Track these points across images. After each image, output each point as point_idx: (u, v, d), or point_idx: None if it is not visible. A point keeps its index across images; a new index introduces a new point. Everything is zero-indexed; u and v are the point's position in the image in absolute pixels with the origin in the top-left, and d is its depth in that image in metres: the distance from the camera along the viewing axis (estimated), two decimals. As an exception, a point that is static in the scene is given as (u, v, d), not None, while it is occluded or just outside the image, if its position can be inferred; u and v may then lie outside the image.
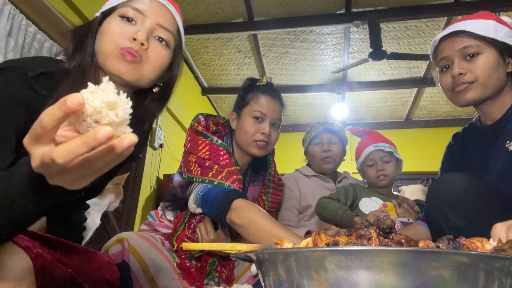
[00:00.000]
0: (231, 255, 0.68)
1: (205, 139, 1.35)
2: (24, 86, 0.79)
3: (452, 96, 1.15)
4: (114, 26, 0.91)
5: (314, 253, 0.53)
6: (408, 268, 0.48)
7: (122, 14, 0.93)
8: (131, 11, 0.93)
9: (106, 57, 0.89)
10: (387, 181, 1.75)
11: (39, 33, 2.36)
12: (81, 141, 0.45)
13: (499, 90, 1.11)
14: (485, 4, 3.29)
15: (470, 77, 1.09)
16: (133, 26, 0.92)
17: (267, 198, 1.52)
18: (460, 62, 1.11)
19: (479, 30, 1.11)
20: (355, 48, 4.15)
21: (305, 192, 1.87)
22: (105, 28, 0.92)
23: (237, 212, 1.14)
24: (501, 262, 0.50)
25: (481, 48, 1.10)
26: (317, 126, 2.00)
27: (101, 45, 0.90)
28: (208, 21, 3.83)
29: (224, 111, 5.55)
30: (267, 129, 1.37)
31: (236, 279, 1.38)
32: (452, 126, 5.20)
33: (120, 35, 0.90)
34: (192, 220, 1.37)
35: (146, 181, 3.48)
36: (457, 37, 1.13)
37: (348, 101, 5.13)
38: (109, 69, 0.89)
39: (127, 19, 0.92)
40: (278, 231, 1.06)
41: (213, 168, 1.29)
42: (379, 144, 1.79)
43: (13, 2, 2.16)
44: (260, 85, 1.44)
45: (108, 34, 0.90)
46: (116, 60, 0.89)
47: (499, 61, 1.10)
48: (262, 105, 1.39)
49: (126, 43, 0.89)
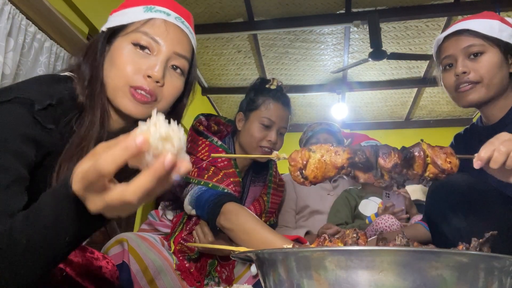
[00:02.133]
0: (231, 255, 0.68)
1: (205, 140, 1.35)
2: (32, 121, 0.72)
3: (456, 96, 1.15)
4: (126, 56, 0.82)
5: (314, 253, 0.53)
6: (408, 268, 0.48)
7: (135, 42, 0.83)
8: (145, 39, 0.83)
9: (116, 93, 0.82)
10: None
11: (39, 33, 2.35)
12: (150, 176, 0.45)
13: (502, 90, 1.11)
14: (485, 4, 3.28)
15: (474, 76, 1.09)
16: (147, 57, 0.83)
17: (268, 199, 1.52)
18: (464, 60, 1.11)
19: (483, 29, 1.10)
20: (355, 48, 4.15)
21: (302, 192, 1.87)
22: (115, 56, 0.83)
23: (226, 216, 1.13)
24: (501, 262, 0.50)
25: (485, 47, 1.09)
26: (314, 126, 2.01)
27: (111, 77, 0.82)
28: (208, 21, 3.83)
29: (224, 111, 5.55)
30: (273, 138, 1.36)
31: (236, 279, 1.38)
32: (452, 126, 5.19)
33: (133, 70, 0.81)
34: (190, 221, 1.37)
35: (146, 181, 3.48)
36: (461, 36, 1.13)
37: (348, 101, 5.13)
38: (119, 106, 0.83)
39: (140, 47, 0.83)
40: (266, 235, 1.06)
41: (210, 170, 1.28)
42: (369, 142, 1.83)
43: (13, 2, 2.15)
44: (272, 89, 1.42)
45: (118, 66, 0.81)
46: (127, 100, 0.81)
47: (502, 61, 1.10)
48: (272, 113, 1.37)
49: (138, 81, 0.81)
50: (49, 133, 0.75)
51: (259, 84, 1.45)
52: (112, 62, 0.83)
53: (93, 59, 0.83)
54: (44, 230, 0.55)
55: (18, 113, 0.71)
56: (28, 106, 0.72)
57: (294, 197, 1.87)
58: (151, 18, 0.84)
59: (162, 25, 0.84)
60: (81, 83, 0.81)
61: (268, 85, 1.43)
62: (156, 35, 0.83)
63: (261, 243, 1.05)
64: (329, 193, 1.91)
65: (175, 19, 0.88)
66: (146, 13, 0.85)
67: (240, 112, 1.44)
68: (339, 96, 4.94)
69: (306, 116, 5.58)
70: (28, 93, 0.74)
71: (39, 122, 0.73)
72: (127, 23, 0.84)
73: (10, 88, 0.74)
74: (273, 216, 1.60)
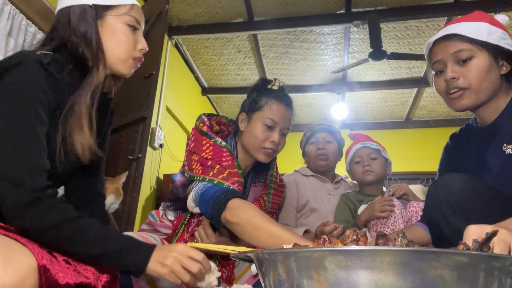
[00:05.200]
0: (231, 255, 0.67)
1: (209, 140, 1.35)
2: (44, 73, 0.88)
3: (448, 101, 1.17)
4: (127, 35, 1.03)
5: (314, 253, 0.53)
6: (408, 268, 0.48)
7: (130, 23, 1.03)
8: (134, 21, 1.04)
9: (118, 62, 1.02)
10: (372, 176, 1.75)
11: (39, 33, 2.35)
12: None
13: (493, 93, 1.11)
14: (485, 4, 3.29)
15: (463, 82, 1.10)
16: (136, 34, 1.05)
17: (268, 199, 1.52)
18: (453, 66, 1.12)
19: (472, 33, 1.10)
20: (355, 48, 4.15)
21: (303, 190, 1.88)
22: (116, 33, 1.02)
23: (233, 211, 1.13)
24: (501, 262, 0.50)
25: (473, 52, 1.10)
26: (313, 127, 2.01)
27: (112, 49, 1.01)
28: (208, 21, 3.83)
29: (224, 111, 5.55)
30: (276, 138, 1.36)
31: (237, 279, 1.38)
32: (452, 126, 5.18)
33: (133, 45, 1.04)
34: (191, 222, 1.37)
35: (146, 181, 3.47)
36: (450, 41, 1.13)
37: (348, 101, 5.13)
38: (119, 71, 1.04)
39: (133, 28, 1.04)
40: (275, 229, 1.06)
41: (215, 168, 1.28)
42: (366, 142, 1.82)
43: (13, 2, 2.16)
44: (274, 89, 1.42)
45: (123, 42, 1.02)
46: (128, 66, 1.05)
47: (492, 64, 1.10)
48: (275, 113, 1.36)
49: (137, 53, 1.05)
50: (59, 81, 0.91)
51: (261, 85, 1.45)
52: (113, 37, 1.01)
53: (91, 29, 0.98)
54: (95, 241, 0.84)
55: (31, 69, 0.86)
56: (38, 62, 0.87)
57: (296, 195, 1.87)
58: (133, 4, 1.05)
59: (139, 9, 1.08)
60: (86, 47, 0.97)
61: (270, 85, 1.42)
62: (138, 18, 1.06)
63: (270, 236, 1.05)
64: (330, 193, 1.91)
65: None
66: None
67: (243, 113, 1.44)
68: (339, 96, 4.94)
69: (306, 116, 5.58)
70: (29, 52, 0.89)
71: (51, 73, 0.89)
72: (114, 4, 1.02)
73: (14, 56, 0.87)
74: (274, 215, 1.60)
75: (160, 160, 3.71)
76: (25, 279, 0.69)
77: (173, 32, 3.89)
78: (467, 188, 1.01)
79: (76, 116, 0.93)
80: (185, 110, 4.31)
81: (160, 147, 3.68)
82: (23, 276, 0.69)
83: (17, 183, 0.77)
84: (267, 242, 1.05)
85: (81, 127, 0.94)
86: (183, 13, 3.75)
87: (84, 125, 0.94)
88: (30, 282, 0.70)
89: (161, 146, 3.68)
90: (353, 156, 1.82)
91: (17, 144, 0.80)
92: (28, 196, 0.77)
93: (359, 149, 1.81)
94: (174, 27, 3.88)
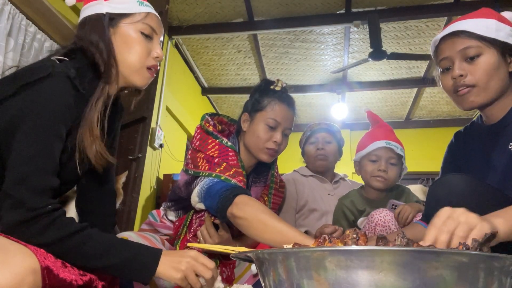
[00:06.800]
0: (231, 255, 0.67)
1: (215, 140, 1.35)
2: (71, 88, 0.89)
3: (456, 99, 1.14)
4: (141, 44, 1.01)
5: (314, 253, 0.53)
6: (408, 268, 0.48)
7: (144, 31, 1.02)
8: (149, 29, 1.03)
9: (132, 72, 1.01)
10: (384, 185, 1.59)
11: (39, 33, 2.35)
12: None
13: (501, 91, 1.09)
14: (485, 4, 3.28)
15: (470, 79, 1.08)
16: (150, 42, 1.04)
17: (269, 199, 1.52)
18: (461, 63, 1.10)
19: (479, 30, 1.09)
20: (355, 48, 4.15)
21: (302, 191, 1.88)
22: (129, 41, 1.00)
23: (240, 206, 1.13)
24: (501, 262, 0.50)
25: (481, 49, 1.08)
26: (313, 126, 2.01)
27: (126, 58, 1.00)
28: (208, 21, 3.83)
29: (224, 111, 5.54)
30: (279, 139, 1.36)
31: (237, 279, 1.38)
32: (452, 126, 5.18)
33: (146, 54, 1.02)
34: (193, 223, 1.37)
35: (146, 181, 3.47)
36: (457, 38, 1.11)
37: (348, 101, 5.13)
38: (133, 82, 1.03)
39: (146, 36, 1.03)
40: (282, 226, 1.05)
41: (222, 165, 1.28)
42: (392, 143, 1.61)
43: (13, 2, 2.15)
44: (277, 90, 1.42)
45: (136, 51, 1.00)
46: (142, 77, 1.03)
47: (500, 61, 1.08)
48: (278, 114, 1.37)
49: (151, 62, 1.03)
50: (83, 96, 0.92)
51: (264, 86, 1.45)
52: (126, 45, 1.00)
53: (103, 36, 0.98)
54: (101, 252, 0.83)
55: (61, 83, 0.86)
56: (66, 76, 0.87)
57: (295, 195, 1.87)
58: (148, 12, 1.04)
59: (155, 18, 1.07)
60: (99, 55, 0.96)
61: (273, 86, 1.43)
62: (154, 26, 1.05)
63: (277, 232, 1.05)
64: (329, 193, 1.91)
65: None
66: (141, 7, 1.04)
67: (246, 113, 1.44)
68: (339, 96, 4.94)
69: (306, 116, 5.58)
70: (60, 65, 0.89)
71: (77, 88, 0.90)
72: (129, 12, 1.01)
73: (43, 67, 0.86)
74: (273, 216, 1.60)
75: (160, 160, 3.71)
76: (22, 280, 0.69)
77: (173, 32, 3.89)
78: (468, 189, 1.00)
79: (87, 124, 0.93)
80: (185, 110, 4.31)
81: (160, 147, 3.68)
82: (21, 277, 0.69)
83: (19, 203, 0.77)
84: (273, 238, 1.05)
85: (93, 135, 0.93)
86: (183, 13, 3.75)
87: (95, 133, 0.94)
88: (28, 283, 0.70)
89: (161, 146, 3.68)
90: (370, 153, 1.61)
91: (30, 163, 0.79)
92: (26, 215, 0.77)
93: (381, 148, 1.60)
94: (174, 27, 3.88)
